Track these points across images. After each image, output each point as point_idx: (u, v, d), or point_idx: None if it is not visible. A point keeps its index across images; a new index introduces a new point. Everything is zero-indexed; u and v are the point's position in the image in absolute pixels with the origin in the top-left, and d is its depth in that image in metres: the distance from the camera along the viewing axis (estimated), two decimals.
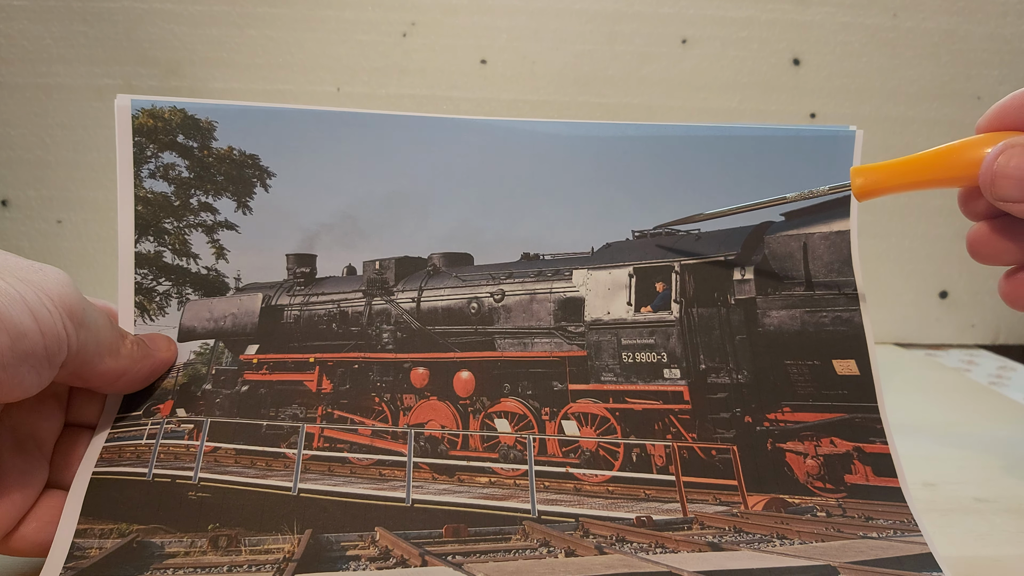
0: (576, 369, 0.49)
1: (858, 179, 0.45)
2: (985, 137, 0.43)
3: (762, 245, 0.50)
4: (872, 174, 0.45)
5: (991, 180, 0.40)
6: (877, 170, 0.45)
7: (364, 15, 0.84)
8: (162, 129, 0.47)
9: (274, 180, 0.48)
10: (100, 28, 0.82)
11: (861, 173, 0.45)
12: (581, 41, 0.86)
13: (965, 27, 0.88)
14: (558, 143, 0.51)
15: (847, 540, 0.42)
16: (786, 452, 0.46)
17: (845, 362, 0.47)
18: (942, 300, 0.95)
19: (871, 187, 0.45)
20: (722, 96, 0.88)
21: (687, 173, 0.51)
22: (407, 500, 0.43)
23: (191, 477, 0.43)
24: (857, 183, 0.45)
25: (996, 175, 0.40)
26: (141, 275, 0.46)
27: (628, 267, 0.50)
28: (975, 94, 0.90)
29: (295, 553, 0.39)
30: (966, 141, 0.43)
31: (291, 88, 0.85)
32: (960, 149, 0.43)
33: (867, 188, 0.45)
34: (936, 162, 0.43)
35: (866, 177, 0.45)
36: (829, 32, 0.88)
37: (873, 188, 0.45)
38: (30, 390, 0.35)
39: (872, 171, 0.45)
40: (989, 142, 0.42)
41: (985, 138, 0.43)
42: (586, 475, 0.45)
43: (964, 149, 0.43)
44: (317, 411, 0.47)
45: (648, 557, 0.40)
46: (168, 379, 0.45)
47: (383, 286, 0.53)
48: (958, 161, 0.43)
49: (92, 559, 0.38)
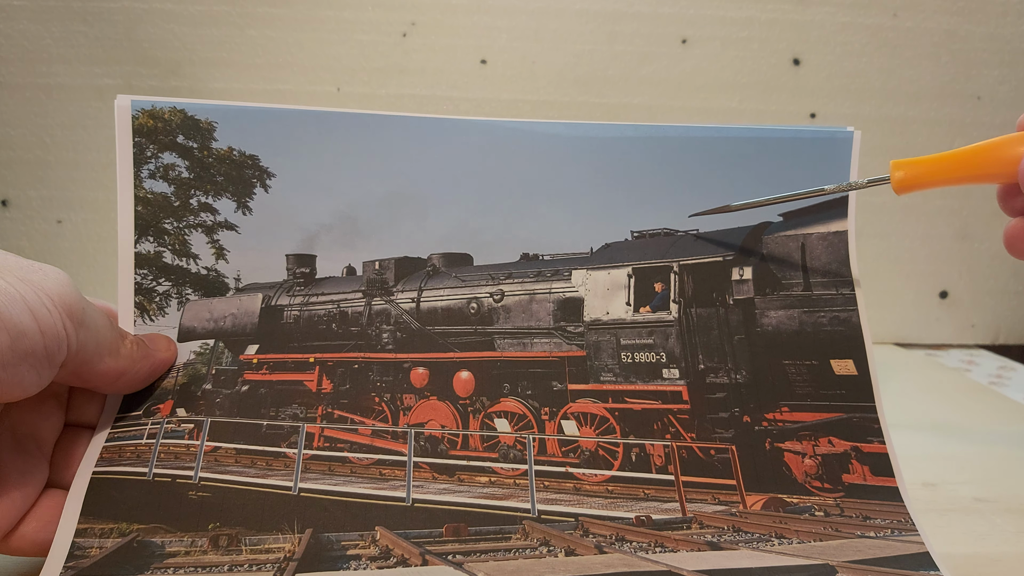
0: (575, 369, 0.49)
1: (898, 172, 0.45)
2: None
3: (760, 245, 0.50)
4: (912, 168, 0.45)
5: None
6: (917, 164, 0.45)
7: (364, 15, 0.84)
8: (162, 129, 0.47)
9: (274, 180, 0.48)
10: (100, 28, 0.82)
11: (901, 167, 0.45)
12: (581, 41, 0.86)
13: (965, 27, 0.88)
14: (557, 143, 0.51)
15: (845, 539, 0.42)
16: (784, 452, 0.46)
17: (843, 362, 0.47)
18: (942, 300, 0.95)
19: (911, 181, 0.45)
20: (722, 96, 0.88)
21: (686, 174, 0.51)
22: (407, 500, 0.43)
23: (191, 477, 0.43)
24: (897, 176, 0.45)
25: None
26: (141, 275, 0.46)
27: (627, 267, 0.51)
28: (975, 94, 0.90)
29: (295, 552, 0.39)
30: (1006, 138, 0.43)
31: (291, 88, 0.85)
32: (1000, 146, 0.43)
33: (907, 182, 0.45)
34: (976, 158, 0.43)
35: (906, 171, 0.45)
36: (829, 32, 0.88)
37: (913, 182, 0.45)
38: (30, 390, 0.35)
39: (912, 165, 0.45)
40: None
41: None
42: (586, 475, 0.45)
43: (1004, 146, 0.43)
44: (317, 411, 0.47)
45: (647, 556, 0.40)
46: (168, 379, 0.45)
47: (383, 286, 0.53)
48: (998, 158, 0.43)
49: (92, 558, 0.38)
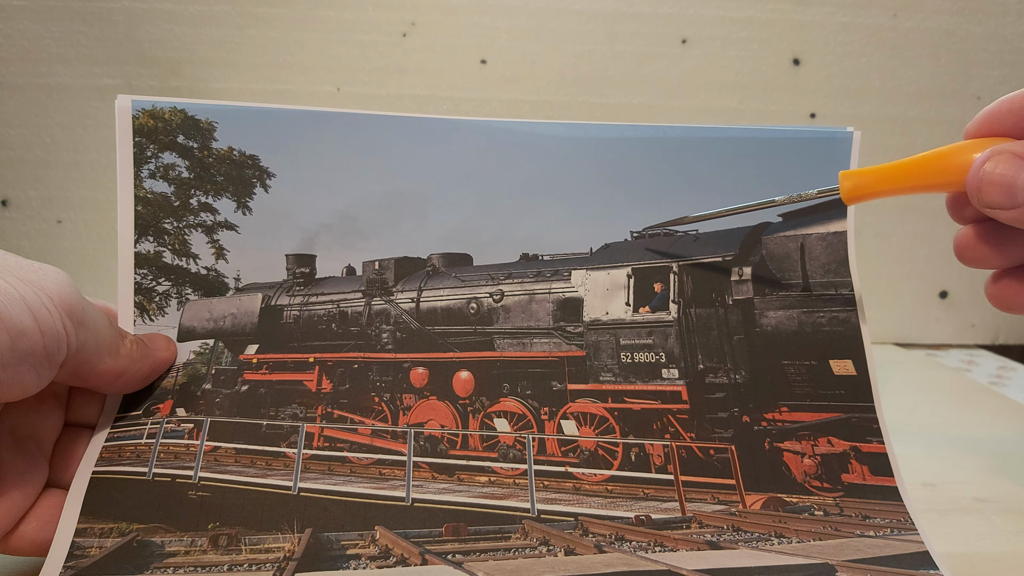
0: (575, 369, 0.49)
1: (846, 183, 0.45)
2: (973, 143, 0.43)
3: (760, 246, 0.50)
4: (860, 178, 0.45)
5: (978, 186, 0.40)
6: (865, 174, 0.45)
7: (364, 15, 0.84)
8: (162, 129, 0.47)
9: (274, 180, 0.48)
10: (100, 28, 0.82)
11: (849, 177, 0.45)
12: (581, 41, 0.86)
13: (965, 27, 0.88)
14: (557, 144, 0.51)
15: (844, 539, 0.42)
16: (784, 451, 0.46)
17: (842, 362, 0.47)
18: (942, 300, 0.95)
19: (859, 191, 0.45)
20: (722, 96, 0.88)
21: (685, 174, 0.51)
22: (407, 499, 0.43)
23: (191, 476, 0.43)
24: (845, 187, 0.45)
25: (983, 181, 0.40)
26: (141, 275, 0.46)
27: (626, 268, 0.51)
28: (975, 94, 0.90)
29: (295, 552, 0.39)
30: (954, 146, 0.43)
31: (291, 88, 0.85)
32: (948, 154, 0.43)
33: (855, 192, 0.45)
34: (924, 167, 0.43)
35: (854, 181, 0.45)
36: (829, 32, 0.87)
37: (861, 192, 0.45)
38: (30, 389, 0.35)
39: (860, 175, 0.45)
40: (977, 148, 0.41)
41: (973, 143, 0.42)
42: (585, 474, 0.45)
43: (952, 154, 0.43)
44: (317, 411, 0.47)
45: (647, 556, 0.40)
46: (168, 379, 0.45)
47: (382, 286, 0.53)
48: (946, 166, 0.43)
49: (92, 558, 0.38)
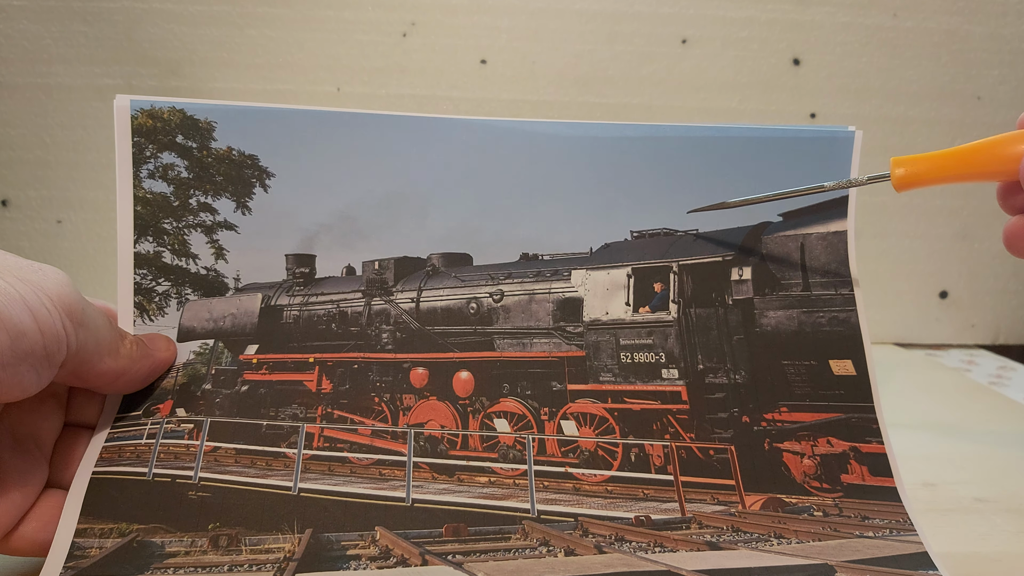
0: (575, 369, 0.49)
1: (898, 170, 0.45)
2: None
3: (760, 245, 0.50)
4: (912, 165, 0.44)
5: None
6: (918, 161, 0.44)
7: (364, 15, 0.84)
8: (161, 129, 0.47)
9: (273, 180, 0.48)
10: (100, 28, 0.82)
11: (901, 164, 0.45)
12: (581, 41, 0.86)
13: (965, 27, 0.88)
14: (557, 143, 0.51)
15: (844, 539, 0.42)
16: (783, 452, 0.46)
17: (842, 362, 0.47)
18: (942, 300, 0.95)
19: (911, 179, 0.45)
20: (722, 96, 0.88)
21: (686, 174, 0.51)
22: (407, 500, 0.43)
23: (191, 477, 0.43)
24: (897, 174, 0.45)
25: None
26: (140, 275, 0.46)
27: (626, 267, 0.51)
28: (975, 94, 0.90)
29: (295, 552, 0.39)
30: (1007, 135, 0.43)
31: (291, 88, 0.85)
32: (1001, 143, 0.43)
33: (907, 179, 0.45)
34: (976, 156, 0.43)
35: (907, 168, 0.45)
36: (829, 32, 0.87)
37: (913, 180, 0.45)
38: (29, 390, 0.35)
39: (913, 162, 0.44)
40: None
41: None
42: (585, 475, 0.45)
43: (1005, 144, 0.42)
44: (317, 411, 0.47)
45: (647, 556, 0.40)
46: (168, 379, 0.45)
47: (382, 286, 0.53)
48: (999, 155, 0.43)
49: (92, 559, 0.38)
